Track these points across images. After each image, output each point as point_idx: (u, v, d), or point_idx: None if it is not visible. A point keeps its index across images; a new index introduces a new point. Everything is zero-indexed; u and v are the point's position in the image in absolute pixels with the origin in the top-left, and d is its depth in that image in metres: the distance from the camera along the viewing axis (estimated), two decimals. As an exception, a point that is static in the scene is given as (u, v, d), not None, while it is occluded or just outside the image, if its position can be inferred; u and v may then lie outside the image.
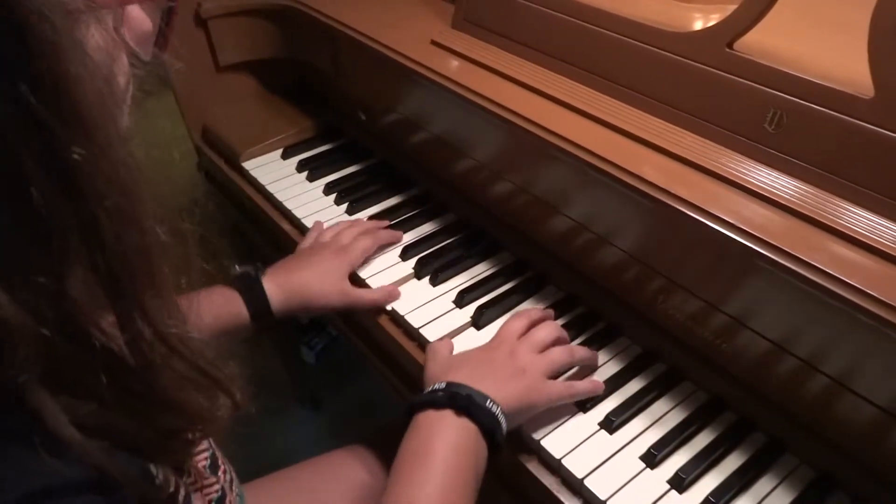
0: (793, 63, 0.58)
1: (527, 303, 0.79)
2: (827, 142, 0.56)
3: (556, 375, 0.66)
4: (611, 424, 0.64)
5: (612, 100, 0.69)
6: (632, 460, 0.62)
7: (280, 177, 1.00)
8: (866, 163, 0.54)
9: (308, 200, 0.96)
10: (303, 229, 0.92)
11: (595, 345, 0.72)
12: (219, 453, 0.58)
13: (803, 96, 0.56)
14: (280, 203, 0.96)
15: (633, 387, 0.68)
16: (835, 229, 0.53)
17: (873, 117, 0.53)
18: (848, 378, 0.55)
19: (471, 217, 0.90)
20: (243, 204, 1.05)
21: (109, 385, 0.35)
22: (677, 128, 0.65)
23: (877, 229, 0.52)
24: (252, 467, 0.75)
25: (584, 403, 0.66)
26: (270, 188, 0.98)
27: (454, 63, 0.80)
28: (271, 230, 0.98)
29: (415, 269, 0.83)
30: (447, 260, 0.83)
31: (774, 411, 0.63)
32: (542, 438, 0.63)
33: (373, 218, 0.92)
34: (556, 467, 0.63)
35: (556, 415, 0.65)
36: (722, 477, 0.60)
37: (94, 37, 0.33)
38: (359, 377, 1.58)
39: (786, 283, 0.53)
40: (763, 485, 0.60)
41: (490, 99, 0.73)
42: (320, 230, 0.88)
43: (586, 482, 0.60)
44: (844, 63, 0.59)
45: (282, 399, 1.52)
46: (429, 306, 0.78)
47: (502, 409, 0.59)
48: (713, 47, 0.61)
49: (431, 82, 0.79)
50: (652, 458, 0.61)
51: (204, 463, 0.55)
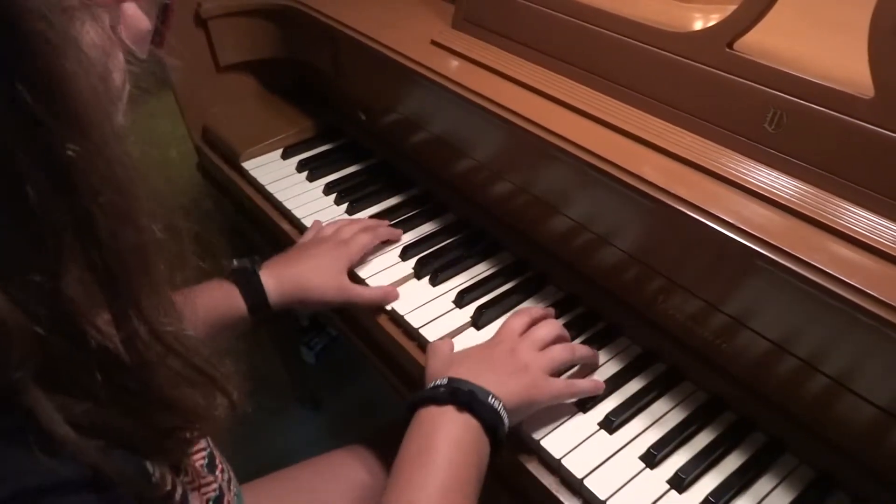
0: (793, 63, 0.58)
1: (527, 303, 0.79)
2: (827, 142, 0.56)
3: (558, 373, 0.66)
4: (610, 424, 0.64)
5: (612, 100, 0.69)
6: (631, 460, 0.62)
7: (280, 177, 1.00)
8: (866, 163, 0.54)
9: (308, 200, 0.96)
10: (302, 229, 0.91)
11: (595, 345, 0.72)
12: (217, 452, 0.58)
13: (803, 96, 0.56)
14: (280, 203, 0.96)
15: (632, 387, 0.68)
16: (835, 229, 0.53)
17: (873, 117, 0.53)
18: (848, 378, 0.55)
19: (471, 217, 0.90)
20: (243, 204, 1.05)
21: (105, 383, 0.35)
22: (677, 128, 0.65)
23: (877, 229, 0.52)
24: (252, 467, 0.75)
25: (583, 403, 0.66)
26: (270, 188, 0.98)
27: (454, 63, 0.80)
28: (271, 230, 0.98)
29: (415, 269, 0.83)
30: (447, 260, 0.83)
31: (774, 411, 0.63)
32: (541, 438, 0.63)
33: (373, 218, 0.91)
34: (555, 467, 0.63)
35: (556, 415, 0.65)
36: (722, 477, 0.60)
37: (90, 34, 0.33)
38: (359, 377, 1.58)
39: (786, 283, 0.53)
40: (763, 485, 0.60)
41: (490, 99, 0.73)
42: (320, 227, 0.88)
43: (586, 482, 0.60)
44: (844, 63, 0.59)
45: (282, 399, 1.52)
46: (429, 306, 0.78)
47: (504, 405, 0.59)
48: (713, 47, 0.61)
49: (431, 82, 0.79)
50: (652, 458, 0.61)
51: (201, 462, 0.55)
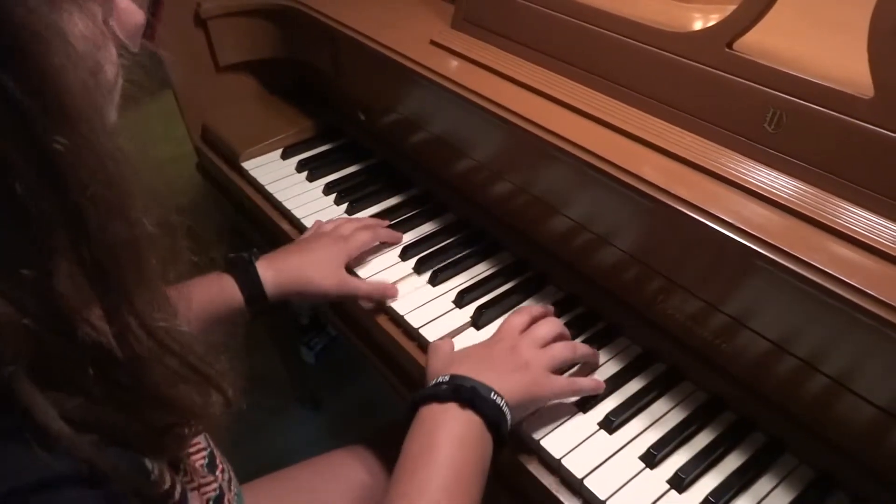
0: (793, 63, 0.58)
1: (527, 303, 0.79)
2: (826, 142, 0.56)
3: (559, 371, 0.66)
4: (610, 424, 0.64)
5: (612, 100, 0.69)
6: (631, 460, 0.62)
7: (280, 177, 1.00)
8: (866, 163, 0.54)
9: (308, 200, 0.96)
10: (302, 229, 0.91)
11: (595, 345, 0.72)
12: (217, 452, 0.58)
13: (803, 96, 0.56)
14: (279, 203, 0.96)
15: (632, 387, 0.68)
16: (834, 229, 0.53)
17: (873, 117, 0.53)
18: (848, 378, 0.55)
19: (471, 217, 0.90)
20: (243, 204, 1.05)
21: (98, 379, 0.35)
22: (677, 128, 0.65)
23: (876, 229, 0.52)
24: (252, 467, 0.75)
25: (583, 403, 0.66)
26: (270, 188, 0.98)
27: (454, 63, 0.80)
28: (271, 230, 0.98)
29: (414, 268, 0.83)
30: (447, 260, 0.83)
31: (774, 411, 0.63)
32: (541, 438, 0.63)
33: (373, 218, 0.91)
34: (555, 467, 0.63)
35: (556, 415, 0.65)
36: (721, 477, 0.60)
37: (79, 26, 0.33)
38: (359, 377, 1.58)
39: (785, 283, 0.53)
40: (763, 485, 0.60)
41: (490, 99, 0.73)
42: (320, 225, 0.88)
43: (586, 482, 0.60)
44: (844, 63, 0.59)
45: (282, 399, 1.52)
46: (428, 306, 0.78)
47: (506, 402, 0.59)
48: (713, 47, 0.61)
49: (431, 82, 0.79)
50: (651, 458, 0.61)
51: (202, 462, 0.55)
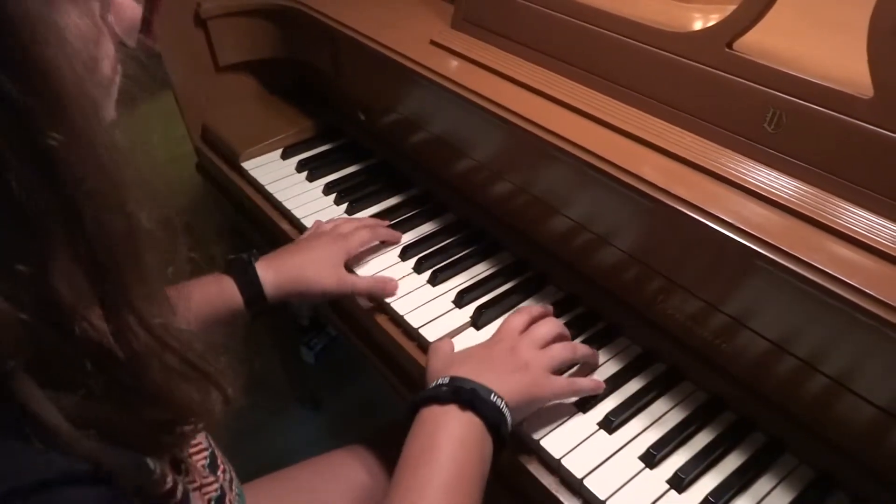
0: (792, 63, 0.58)
1: (526, 303, 0.79)
2: (826, 142, 0.56)
3: (559, 372, 0.66)
4: (610, 424, 0.64)
5: (612, 100, 0.69)
6: (631, 460, 0.62)
7: (279, 177, 1.00)
8: (865, 163, 0.54)
9: (307, 200, 0.96)
10: (302, 229, 0.91)
11: (595, 345, 0.72)
12: (218, 453, 0.58)
13: (803, 96, 0.56)
14: (279, 203, 0.96)
15: (632, 387, 0.68)
16: (834, 229, 0.53)
17: (872, 117, 0.53)
18: (848, 378, 0.55)
19: (471, 217, 0.90)
20: (242, 204, 1.05)
21: (97, 376, 0.35)
22: (677, 128, 0.65)
23: (876, 229, 0.52)
24: (252, 467, 0.75)
25: (583, 403, 0.66)
26: (270, 188, 0.98)
27: (453, 63, 0.80)
28: (270, 230, 0.98)
29: (414, 268, 0.83)
30: (447, 260, 0.83)
31: (774, 411, 0.63)
32: (541, 438, 0.63)
33: (373, 218, 0.91)
34: (555, 467, 0.63)
35: (556, 415, 0.65)
36: (721, 477, 0.60)
37: (75, 21, 0.33)
38: (358, 377, 1.58)
39: (785, 283, 0.53)
40: (762, 485, 0.60)
41: (489, 99, 0.73)
42: (320, 224, 0.88)
43: (586, 482, 0.60)
44: (844, 63, 0.59)
45: (282, 399, 1.53)
46: (428, 306, 0.78)
47: (506, 403, 0.59)
48: (713, 47, 0.61)
49: (431, 82, 0.79)
50: (651, 458, 0.61)
51: (203, 462, 0.55)
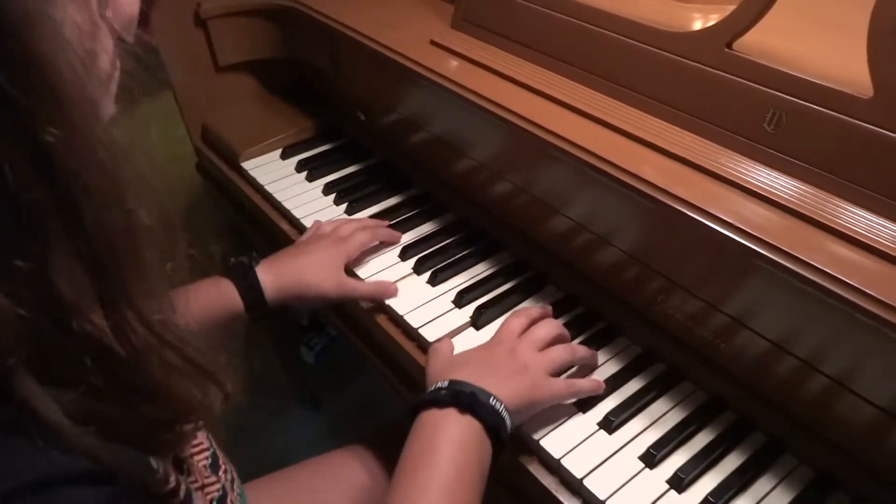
0: (792, 63, 0.58)
1: (526, 303, 0.79)
2: (826, 142, 0.56)
3: (558, 374, 0.66)
4: (610, 424, 0.64)
5: (612, 100, 0.69)
6: (631, 460, 0.62)
7: (279, 177, 1.00)
8: (865, 163, 0.54)
9: (307, 200, 0.96)
10: (302, 229, 0.92)
11: (595, 345, 0.72)
12: (220, 453, 0.58)
13: (802, 96, 0.56)
14: (279, 203, 0.96)
15: (632, 387, 0.68)
16: (834, 229, 0.53)
17: (872, 117, 0.53)
18: (847, 378, 0.55)
19: (471, 217, 0.90)
20: (242, 204, 1.05)
21: (97, 373, 0.35)
22: (677, 128, 0.65)
23: (876, 229, 0.52)
24: (252, 467, 0.75)
25: (583, 403, 0.66)
26: (269, 188, 0.98)
27: (453, 63, 0.80)
28: (270, 230, 0.98)
29: (414, 268, 0.83)
30: (446, 260, 0.83)
31: (774, 411, 0.63)
32: (541, 438, 0.63)
33: (373, 218, 0.91)
34: (555, 467, 0.63)
35: (556, 415, 0.65)
36: (721, 477, 0.60)
37: (72, 16, 0.33)
38: (358, 377, 1.58)
39: (785, 283, 0.53)
40: (762, 485, 0.60)
41: (489, 99, 0.73)
42: (319, 226, 0.88)
43: (585, 482, 0.60)
44: (844, 63, 0.59)
45: (282, 399, 1.53)
46: (428, 306, 0.78)
47: (506, 407, 0.59)
48: (712, 47, 0.61)
49: (431, 82, 0.79)
50: (651, 458, 0.61)
51: (205, 462, 0.55)
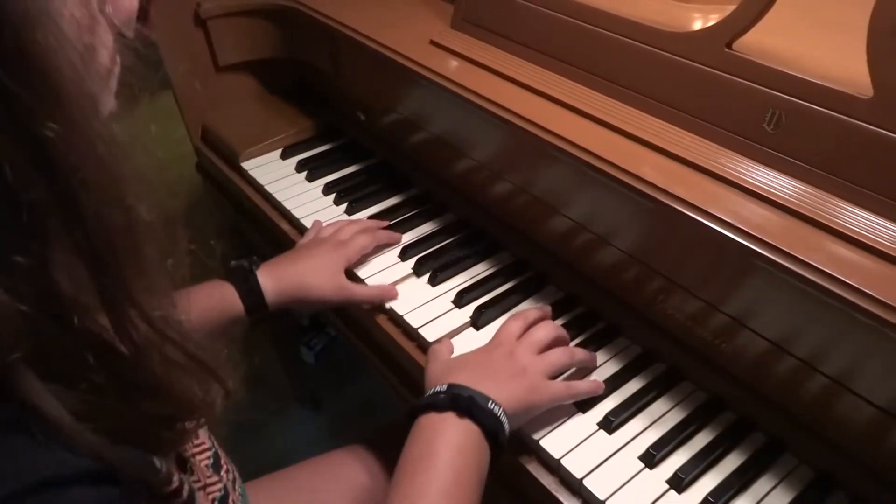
0: (792, 63, 0.58)
1: (526, 303, 0.79)
2: (826, 142, 0.56)
3: (556, 376, 0.66)
4: (610, 424, 0.64)
5: (612, 100, 0.69)
6: (631, 460, 0.62)
7: (279, 177, 1.00)
8: (865, 163, 0.54)
9: (307, 200, 0.96)
10: (302, 229, 0.92)
11: (594, 345, 0.72)
12: (221, 453, 0.58)
13: (802, 96, 0.56)
14: (279, 203, 0.96)
15: (632, 387, 0.68)
16: (833, 229, 0.53)
17: (872, 117, 0.53)
18: (847, 378, 0.55)
19: (470, 217, 0.90)
20: (242, 204, 1.05)
21: (98, 370, 0.35)
22: (676, 128, 0.65)
23: (875, 229, 0.52)
24: (252, 467, 0.75)
25: (583, 403, 0.66)
26: (269, 188, 0.98)
27: (453, 63, 0.80)
28: (270, 230, 0.98)
29: (414, 268, 0.83)
30: (446, 260, 0.83)
31: (774, 411, 0.63)
32: (541, 438, 0.63)
33: (372, 218, 0.92)
34: (555, 467, 0.63)
35: (555, 415, 0.65)
36: (721, 477, 0.60)
37: (70, 11, 0.33)
38: (358, 377, 1.58)
39: (785, 283, 0.53)
40: (762, 485, 0.60)
41: (489, 99, 0.73)
42: (319, 228, 0.88)
43: (585, 482, 0.60)
44: (844, 63, 0.59)
45: (282, 399, 1.52)
46: (428, 306, 0.78)
47: (504, 410, 0.59)
48: (712, 47, 0.61)
49: (431, 82, 0.79)
50: (651, 458, 0.61)
51: (207, 462, 0.55)
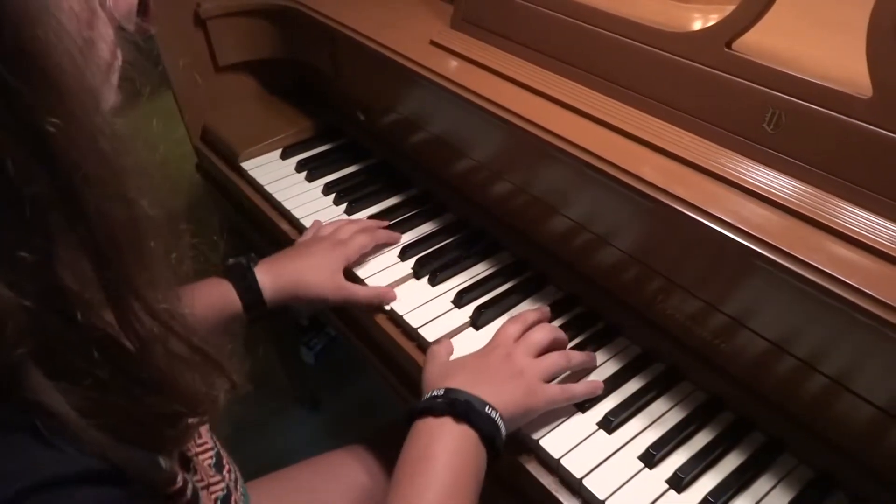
0: (792, 63, 0.58)
1: (526, 303, 0.79)
2: (825, 142, 0.56)
3: (553, 379, 0.66)
4: (609, 424, 0.64)
5: (611, 100, 0.69)
6: (630, 460, 0.62)
7: (279, 177, 1.00)
8: (864, 163, 0.54)
9: (307, 200, 0.96)
10: (301, 229, 0.92)
11: (594, 345, 0.72)
12: (223, 452, 0.58)
13: (802, 96, 0.56)
14: (279, 203, 0.96)
15: (631, 387, 0.68)
16: (833, 229, 0.53)
17: (871, 117, 0.53)
18: (847, 378, 0.55)
19: (470, 217, 0.90)
20: (242, 204, 1.05)
21: (102, 366, 0.35)
22: (676, 128, 0.65)
23: (875, 229, 0.52)
24: (252, 467, 0.75)
25: (582, 403, 0.66)
26: (269, 188, 0.98)
27: (453, 63, 0.80)
28: (270, 230, 0.98)
29: (414, 268, 0.83)
30: (446, 260, 0.83)
31: (773, 411, 0.63)
32: (540, 438, 0.63)
33: (372, 218, 0.91)
34: (554, 467, 0.63)
35: (555, 415, 0.65)
36: (720, 476, 0.60)
37: (69, 4, 0.33)
38: (358, 377, 1.58)
39: (784, 283, 0.53)
40: (762, 484, 0.60)
41: (489, 99, 0.73)
42: (319, 227, 0.88)
43: (585, 482, 0.60)
44: (843, 63, 0.59)
45: (282, 399, 1.52)
46: (428, 306, 0.78)
47: (501, 415, 0.59)
48: (712, 47, 0.61)
49: (430, 82, 0.79)
50: (650, 458, 0.61)
51: (209, 461, 0.55)
